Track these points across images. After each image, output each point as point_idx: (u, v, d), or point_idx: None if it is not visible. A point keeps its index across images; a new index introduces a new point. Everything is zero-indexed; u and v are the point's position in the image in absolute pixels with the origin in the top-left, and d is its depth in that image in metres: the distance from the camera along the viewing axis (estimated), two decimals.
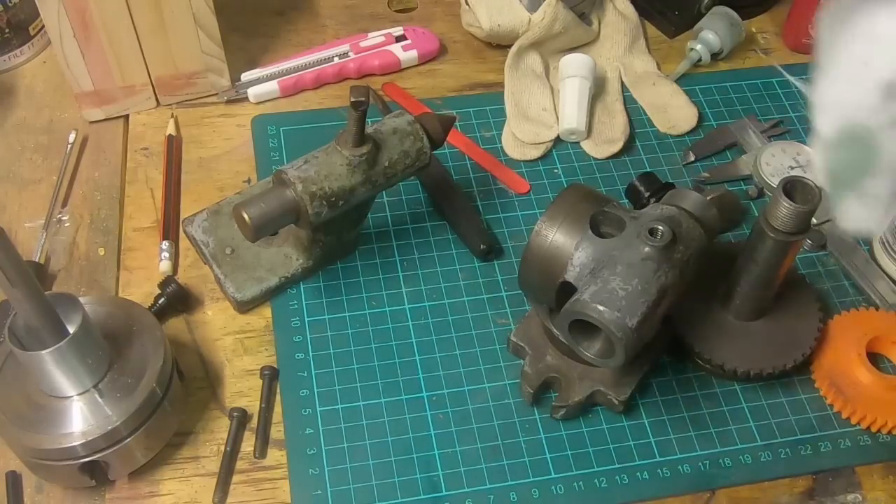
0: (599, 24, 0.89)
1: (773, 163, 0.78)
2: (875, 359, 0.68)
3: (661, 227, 0.56)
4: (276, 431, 0.64)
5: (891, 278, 0.72)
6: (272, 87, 0.82)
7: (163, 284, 0.68)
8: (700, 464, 0.63)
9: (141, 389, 0.57)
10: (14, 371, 0.58)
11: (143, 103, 0.81)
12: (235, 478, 0.62)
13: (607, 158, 0.80)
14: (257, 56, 0.86)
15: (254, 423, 0.64)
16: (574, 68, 0.81)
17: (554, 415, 0.64)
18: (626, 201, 0.76)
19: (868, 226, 0.50)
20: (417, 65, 0.87)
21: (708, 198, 0.62)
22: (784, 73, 0.86)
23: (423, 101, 0.83)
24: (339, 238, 0.70)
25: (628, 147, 0.81)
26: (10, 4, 0.81)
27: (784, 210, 0.57)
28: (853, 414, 0.65)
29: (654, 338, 0.62)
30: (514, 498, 0.61)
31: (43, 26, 0.85)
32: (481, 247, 0.72)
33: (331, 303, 0.70)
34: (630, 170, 0.79)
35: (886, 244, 0.72)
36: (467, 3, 0.86)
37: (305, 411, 0.64)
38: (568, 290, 0.58)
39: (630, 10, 0.90)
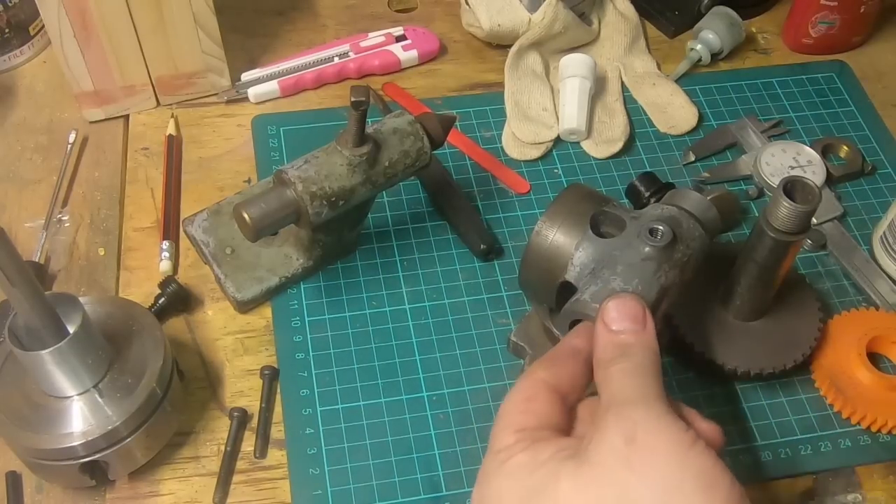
0: (599, 24, 0.89)
1: (773, 163, 0.78)
2: (875, 359, 0.68)
3: (661, 227, 0.56)
4: (277, 431, 0.64)
5: (891, 278, 0.72)
6: (272, 87, 0.82)
7: (163, 284, 0.68)
8: None
9: (141, 389, 0.57)
10: (14, 371, 0.58)
11: (143, 103, 0.81)
12: (235, 478, 0.62)
13: (607, 158, 0.80)
14: (257, 56, 0.86)
15: (254, 422, 0.64)
16: (574, 68, 0.81)
17: None
18: (626, 201, 0.76)
19: None
20: (417, 65, 0.87)
21: (708, 198, 0.62)
22: None
23: (423, 101, 0.83)
24: (339, 238, 0.70)
25: (628, 147, 0.81)
26: (10, 4, 0.82)
27: (784, 210, 0.57)
28: (853, 414, 0.65)
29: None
30: None
31: (43, 26, 0.85)
32: (481, 247, 0.72)
33: (331, 303, 0.70)
34: (630, 170, 0.79)
35: (886, 244, 0.72)
36: (467, 3, 0.86)
37: (306, 411, 0.64)
38: (568, 290, 0.58)
39: (630, 10, 0.90)
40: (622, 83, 0.86)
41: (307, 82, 0.84)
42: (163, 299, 0.68)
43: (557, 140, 0.81)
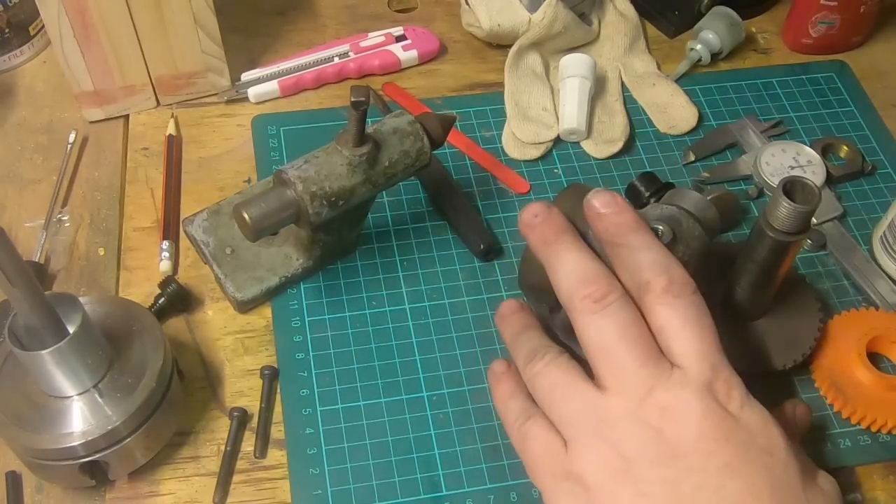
0: (599, 24, 0.89)
1: (773, 163, 0.78)
2: (875, 359, 0.68)
3: (661, 227, 0.56)
4: (277, 431, 0.64)
5: (891, 278, 0.72)
6: (272, 87, 0.82)
7: (163, 284, 0.68)
8: None
9: (141, 389, 0.57)
10: (14, 371, 0.58)
11: (143, 103, 0.81)
12: (235, 478, 0.62)
13: (607, 158, 0.80)
14: (257, 56, 0.86)
15: (254, 422, 0.64)
16: (574, 68, 0.81)
17: None
18: None
19: None
20: (417, 65, 0.87)
21: (708, 198, 0.62)
22: None
23: (423, 101, 0.83)
24: (339, 238, 0.70)
25: (628, 147, 0.81)
26: (10, 4, 0.82)
27: (784, 210, 0.57)
28: (853, 414, 0.65)
29: None
30: (514, 498, 0.61)
31: (43, 26, 0.85)
32: (481, 247, 0.72)
33: (331, 303, 0.70)
34: (630, 170, 0.79)
35: (886, 244, 0.72)
36: (467, 3, 0.86)
37: (306, 411, 0.64)
38: None
39: (630, 10, 0.90)
40: (622, 83, 0.86)
41: (307, 82, 0.84)
42: (163, 299, 0.68)
43: (557, 140, 0.81)
